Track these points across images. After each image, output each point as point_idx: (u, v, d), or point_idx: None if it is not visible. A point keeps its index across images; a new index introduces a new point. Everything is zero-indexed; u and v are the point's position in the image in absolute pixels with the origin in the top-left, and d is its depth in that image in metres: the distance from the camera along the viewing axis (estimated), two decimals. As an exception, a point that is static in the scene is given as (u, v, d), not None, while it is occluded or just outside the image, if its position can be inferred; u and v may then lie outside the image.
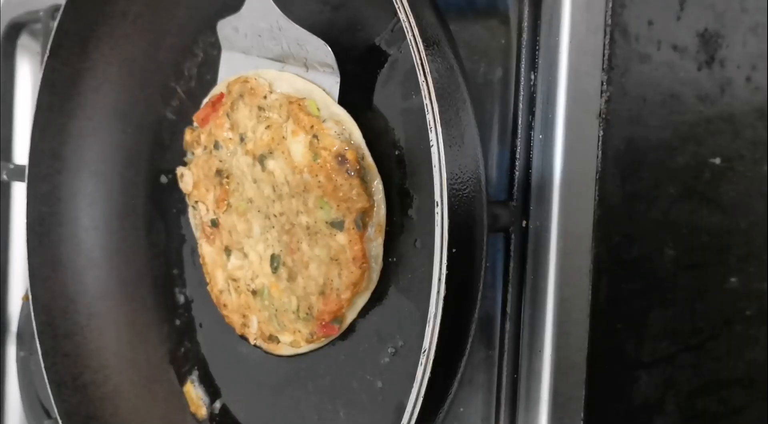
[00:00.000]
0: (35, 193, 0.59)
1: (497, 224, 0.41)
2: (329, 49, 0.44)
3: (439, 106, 0.36)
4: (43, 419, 0.72)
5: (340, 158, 0.43)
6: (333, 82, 0.45)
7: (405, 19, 0.37)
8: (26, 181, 0.58)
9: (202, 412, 0.59)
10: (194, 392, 0.59)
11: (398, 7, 0.37)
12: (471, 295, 0.37)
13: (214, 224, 0.54)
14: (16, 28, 0.79)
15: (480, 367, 0.44)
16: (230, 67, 0.50)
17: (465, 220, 0.36)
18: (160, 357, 0.61)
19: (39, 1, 0.73)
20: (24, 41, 0.79)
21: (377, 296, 0.46)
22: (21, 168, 0.68)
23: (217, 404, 0.58)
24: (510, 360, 0.42)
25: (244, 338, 0.54)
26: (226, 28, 0.49)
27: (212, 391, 0.59)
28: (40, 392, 0.75)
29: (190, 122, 0.56)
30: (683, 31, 0.44)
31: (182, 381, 0.61)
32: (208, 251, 0.56)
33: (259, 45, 0.47)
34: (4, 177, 0.75)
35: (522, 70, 0.42)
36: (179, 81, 0.60)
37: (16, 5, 0.78)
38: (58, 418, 0.57)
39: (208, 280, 0.56)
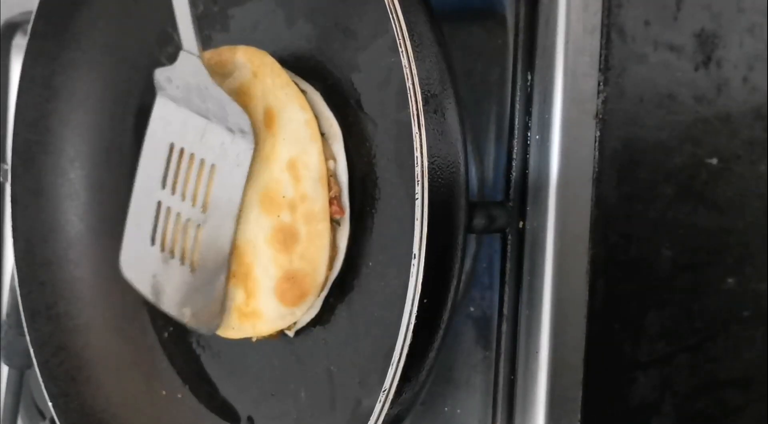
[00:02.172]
0: (23, 119, 0.59)
1: (494, 225, 0.41)
2: (246, 117, 0.45)
3: (425, 110, 0.36)
4: (38, 421, 0.71)
5: None
6: (247, 148, 0.45)
7: (394, 19, 0.37)
8: (15, 107, 0.58)
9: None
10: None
11: (389, 7, 0.37)
12: (444, 291, 0.37)
13: None
14: (11, 29, 0.78)
15: (477, 368, 0.44)
16: (161, 113, 0.51)
17: (444, 223, 0.37)
18: (134, 297, 0.60)
19: (35, 2, 0.73)
20: (19, 41, 0.79)
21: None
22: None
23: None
24: (507, 361, 0.42)
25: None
26: (162, 75, 0.50)
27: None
28: (36, 395, 0.74)
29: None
30: (680, 31, 0.44)
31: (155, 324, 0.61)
32: None
33: (188, 99, 0.48)
34: (0, 179, 0.75)
35: (519, 70, 0.42)
36: (176, 29, 0.59)
37: (11, 5, 0.78)
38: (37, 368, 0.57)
39: None
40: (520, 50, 0.42)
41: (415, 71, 0.36)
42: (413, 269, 0.36)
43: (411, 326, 0.36)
